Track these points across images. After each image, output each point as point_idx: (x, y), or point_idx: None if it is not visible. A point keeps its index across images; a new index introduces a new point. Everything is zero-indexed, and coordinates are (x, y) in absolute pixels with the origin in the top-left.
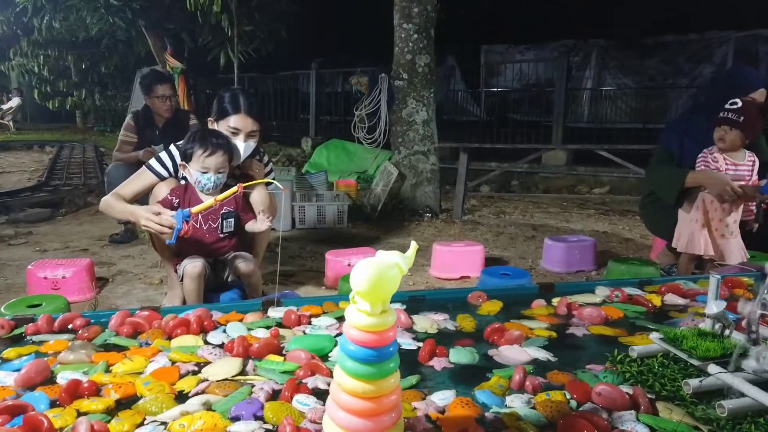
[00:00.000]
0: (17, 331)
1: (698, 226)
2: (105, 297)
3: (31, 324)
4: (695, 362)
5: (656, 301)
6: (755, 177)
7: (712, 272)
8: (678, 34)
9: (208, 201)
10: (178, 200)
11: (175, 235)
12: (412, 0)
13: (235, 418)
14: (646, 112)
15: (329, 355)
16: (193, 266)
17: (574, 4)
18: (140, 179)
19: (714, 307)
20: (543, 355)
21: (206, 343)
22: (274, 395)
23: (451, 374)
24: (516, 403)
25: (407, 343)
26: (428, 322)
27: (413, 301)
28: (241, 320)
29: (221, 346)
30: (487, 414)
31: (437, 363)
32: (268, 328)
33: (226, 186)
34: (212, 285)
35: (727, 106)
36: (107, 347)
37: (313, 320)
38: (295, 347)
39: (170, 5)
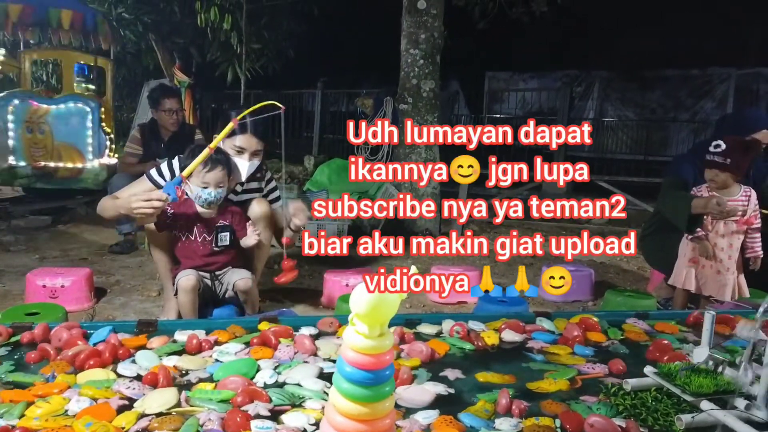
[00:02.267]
0: (13, 339)
1: (685, 260)
2: (102, 308)
3: (27, 332)
4: (688, 398)
5: (492, 339)
6: (753, 209)
7: (708, 308)
8: (680, 69)
9: (203, 152)
10: (172, 210)
11: (174, 200)
12: (420, 26)
13: None
14: (648, 145)
15: (253, 379)
16: (186, 279)
17: (579, 35)
18: (137, 187)
19: (701, 355)
20: (441, 389)
21: (119, 375)
22: (223, 424)
23: None
24: (504, 426)
25: None
26: (333, 347)
27: (408, 325)
28: (145, 345)
29: (138, 378)
30: None
31: None
32: (179, 354)
33: (225, 201)
34: (208, 300)
35: (711, 149)
36: (7, 385)
37: (222, 346)
38: (223, 374)
39: (180, 20)
